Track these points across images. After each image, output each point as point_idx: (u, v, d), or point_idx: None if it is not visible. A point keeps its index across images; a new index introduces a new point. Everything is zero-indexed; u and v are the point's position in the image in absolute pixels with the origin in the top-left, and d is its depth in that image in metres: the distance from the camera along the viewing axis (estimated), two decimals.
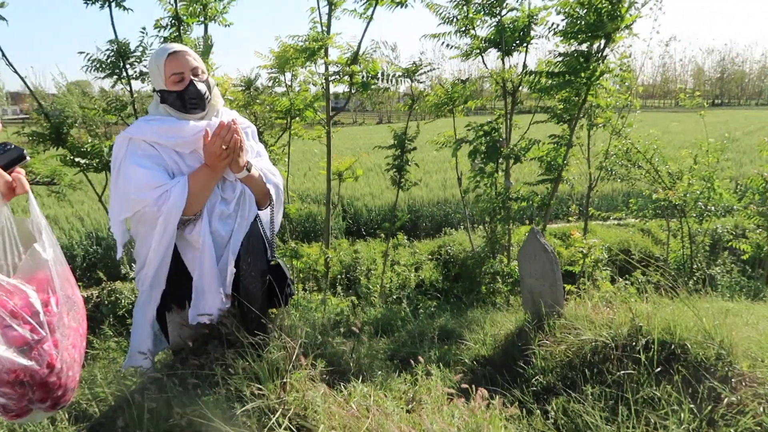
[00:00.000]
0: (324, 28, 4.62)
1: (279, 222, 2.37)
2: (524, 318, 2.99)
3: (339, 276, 7.40)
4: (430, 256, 8.11)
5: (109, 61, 4.35)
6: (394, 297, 5.80)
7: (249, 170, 2.06)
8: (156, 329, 2.20)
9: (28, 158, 1.28)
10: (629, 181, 6.00)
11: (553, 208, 6.26)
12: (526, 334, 2.78)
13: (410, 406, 1.73)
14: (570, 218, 9.01)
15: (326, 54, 4.71)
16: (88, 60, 4.28)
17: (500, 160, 5.10)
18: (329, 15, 4.59)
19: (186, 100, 1.99)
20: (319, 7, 4.56)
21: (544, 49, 6.06)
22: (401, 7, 4.48)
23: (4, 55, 3.91)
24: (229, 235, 2.06)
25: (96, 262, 8.75)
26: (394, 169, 5.55)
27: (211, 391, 1.71)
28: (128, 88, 4.56)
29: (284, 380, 1.72)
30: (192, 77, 1.98)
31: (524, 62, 5.07)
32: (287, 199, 5.70)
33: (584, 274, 4.85)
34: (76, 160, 4.30)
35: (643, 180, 5.86)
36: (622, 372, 2.15)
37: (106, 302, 5.77)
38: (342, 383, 1.84)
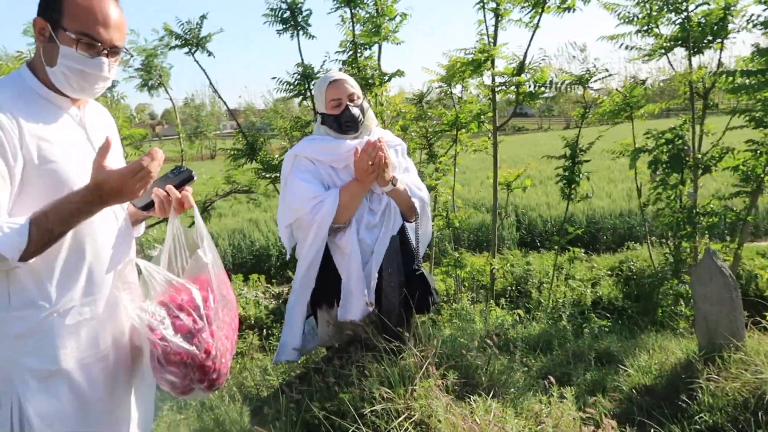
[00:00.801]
0: (490, 39, 4.64)
1: (427, 234, 2.47)
2: (694, 347, 2.69)
3: (509, 288, 7.28)
4: (609, 272, 7.59)
5: (296, 82, 4.88)
6: (567, 313, 5.55)
7: (394, 184, 2.21)
8: (312, 326, 2.44)
9: (195, 178, 1.54)
10: None
11: (751, 224, 5.45)
12: (694, 366, 2.50)
13: (539, 427, 1.69)
14: None
15: (493, 65, 4.72)
16: (279, 83, 4.85)
17: (685, 171, 4.62)
18: (495, 26, 4.60)
19: (342, 123, 2.21)
20: (485, 20, 4.59)
21: (743, 43, 5.36)
22: (569, 12, 4.32)
23: (211, 84, 4.61)
24: (374, 244, 2.23)
25: (288, 262, 9.72)
26: (564, 181, 5.33)
27: (347, 390, 1.86)
28: (311, 106, 5.04)
29: (413, 387, 1.80)
30: (348, 103, 2.20)
31: (719, 60, 4.55)
32: (453, 209, 5.79)
33: None
34: (265, 174, 4.87)
35: None
36: None
37: None
38: (472, 396, 1.86)
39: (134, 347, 1.61)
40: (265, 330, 5.31)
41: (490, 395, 1.86)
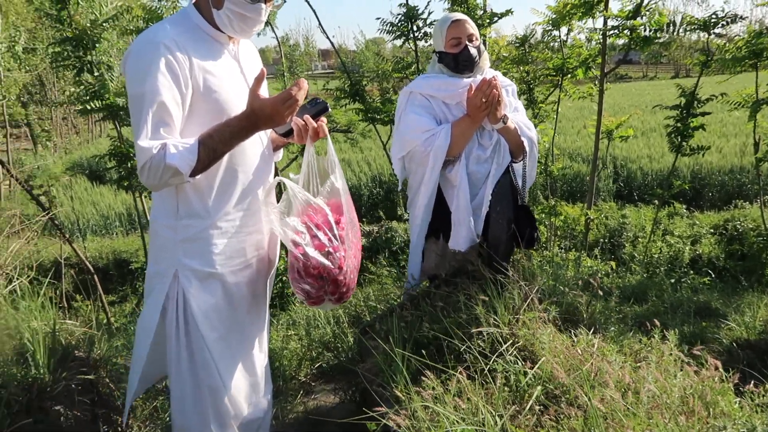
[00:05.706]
0: None
1: (533, 175, 2.52)
2: None
3: (602, 240, 7.16)
4: (712, 230, 7.26)
5: (399, 23, 4.90)
6: (662, 269, 5.42)
7: (505, 122, 2.28)
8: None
9: (329, 110, 1.69)
10: None
11: None
12: None
13: (639, 364, 1.77)
14: None
15: (606, 7, 4.52)
16: (382, 23, 4.90)
17: None
18: None
19: (459, 62, 2.30)
20: None
21: None
22: None
23: (320, 22, 4.73)
24: (484, 177, 2.34)
25: (378, 203, 10.00)
26: (675, 133, 5.08)
27: (455, 314, 2.00)
28: (413, 47, 5.05)
29: (518, 316, 1.91)
30: (467, 43, 2.27)
31: None
32: (551, 158, 5.71)
33: None
34: (369, 114, 5.00)
35: None
36: None
37: (383, 237, 6.67)
38: (572, 330, 1.95)
39: (270, 259, 1.83)
40: None
41: (591, 332, 1.94)
